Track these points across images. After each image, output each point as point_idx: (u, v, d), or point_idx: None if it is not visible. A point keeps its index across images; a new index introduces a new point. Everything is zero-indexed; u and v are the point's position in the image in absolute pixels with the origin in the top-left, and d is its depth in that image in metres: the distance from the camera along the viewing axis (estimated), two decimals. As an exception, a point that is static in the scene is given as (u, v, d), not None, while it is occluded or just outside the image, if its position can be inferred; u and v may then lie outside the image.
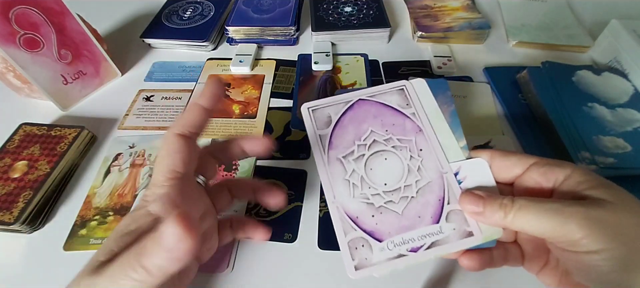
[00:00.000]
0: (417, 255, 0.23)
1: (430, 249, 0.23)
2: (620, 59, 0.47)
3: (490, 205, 0.22)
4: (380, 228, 0.23)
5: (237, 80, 0.51)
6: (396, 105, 0.26)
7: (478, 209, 0.23)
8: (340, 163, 0.25)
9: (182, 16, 0.60)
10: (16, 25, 0.41)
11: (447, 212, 0.24)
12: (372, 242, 0.23)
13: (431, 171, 0.24)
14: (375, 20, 0.56)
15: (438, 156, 0.24)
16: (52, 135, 0.41)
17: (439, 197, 0.24)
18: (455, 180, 0.24)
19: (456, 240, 0.23)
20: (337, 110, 0.27)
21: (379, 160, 0.25)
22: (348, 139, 0.25)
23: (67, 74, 0.47)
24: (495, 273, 0.32)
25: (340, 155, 0.25)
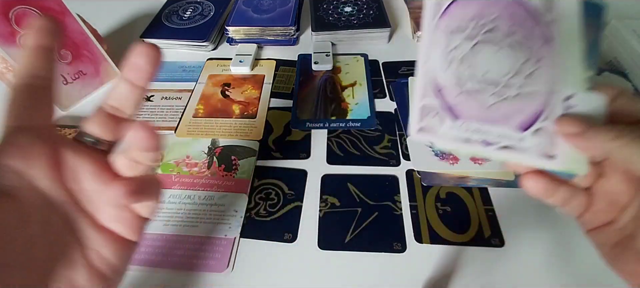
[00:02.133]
0: (485, 149, 0.22)
1: (502, 150, 0.22)
2: (620, 59, 0.47)
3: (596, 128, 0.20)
4: (461, 107, 0.22)
5: (237, 80, 0.51)
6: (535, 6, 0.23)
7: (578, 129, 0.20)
8: (446, 36, 0.23)
9: (182, 16, 0.60)
10: (16, 25, 0.41)
11: (538, 127, 0.22)
12: (446, 116, 0.22)
13: (541, 83, 0.22)
14: (375, 20, 0.56)
15: (556, 73, 0.22)
16: (52, 135, 0.41)
17: (538, 110, 0.22)
18: (563, 104, 0.22)
19: (534, 155, 0.21)
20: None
21: (490, 48, 0.23)
22: (468, 13, 0.23)
23: (67, 74, 0.47)
24: (494, 273, 0.32)
25: (451, 27, 0.23)
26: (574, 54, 0.22)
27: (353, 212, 0.36)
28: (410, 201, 0.37)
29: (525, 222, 0.35)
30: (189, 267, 0.33)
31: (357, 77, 0.51)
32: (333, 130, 0.44)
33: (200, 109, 0.47)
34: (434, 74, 0.23)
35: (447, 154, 0.40)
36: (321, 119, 0.45)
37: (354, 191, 0.38)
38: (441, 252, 0.33)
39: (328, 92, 0.49)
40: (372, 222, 0.35)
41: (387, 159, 0.40)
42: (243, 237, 0.35)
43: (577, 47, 0.22)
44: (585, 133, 0.20)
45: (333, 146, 0.42)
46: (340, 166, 0.40)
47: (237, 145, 0.43)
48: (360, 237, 0.34)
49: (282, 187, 0.39)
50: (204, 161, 0.41)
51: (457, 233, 0.34)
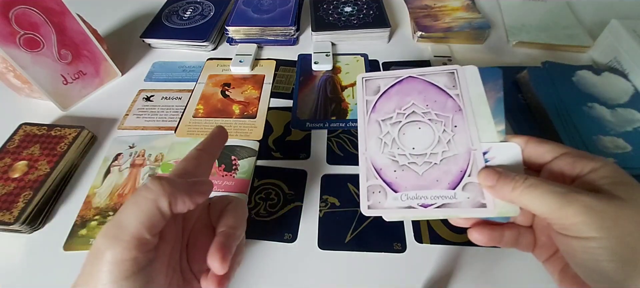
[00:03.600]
0: (426, 210, 0.25)
1: (440, 208, 0.25)
2: (620, 59, 0.47)
3: (503, 180, 0.23)
4: (399, 182, 0.26)
5: (237, 80, 0.51)
6: (443, 85, 0.28)
7: (492, 182, 0.24)
8: (378, 125, 0.28)
9: (182, 16, 0.60)
10: (16, 25, 0.41)
11: (465, 183, 0.25)
12: (388, 191, 0.26)
13: (460, 146, 0.26)
14: (375, 20, 0.56)
15: (471, 134, 0.26)
16: (52, 135, 0.41)
17: (462, 169, 0.26)
18: (483, 158, 0.25)
19: (468, 207, 0.24)
20: (386, 83, 0.30)
21: (413, 128, 0.27)
22: (390, 107, 0.28)
23: (67, 74, 0.47)
24: (494, 273, 0.32)
25: (380, 118, 0.28)
26: (485, 114, 0.27)
27: (353, 212, 0.36)
28: (410, 201, 0.37)
29: (525, 222, 0.35)
30: (189, 267, 0.33)
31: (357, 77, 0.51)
32: (333, 130, 0.44)
33: (200, 109, 0.47)
34: (372, 159, 0.27)
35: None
36: (321, 119, 0.45)
37: (354, 191, 0.38)
38: (441, 252, 0.33)
39: (328, 92, 0.49)
40: (372, 222, 0.35)
41: (387, 159, 0.41)
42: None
43: (486, 108, 0.27)
44: (495, 186, 0.24)
45: (333, 146, 0.42)
46: (340, 166, 0.40)
47: (237, 145, 0.43)
48: (360, 237, 0.34)
49: (282, 187, 0.39)
50: (204, 161, 0.41)
51: (457, 233, 0.34)
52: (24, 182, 0.36)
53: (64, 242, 0.35)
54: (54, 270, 0.33)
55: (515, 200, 0.23)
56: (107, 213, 0.37)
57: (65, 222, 0.36)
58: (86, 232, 0.35)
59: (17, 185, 0.36)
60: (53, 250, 0.34)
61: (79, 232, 0.35)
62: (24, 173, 0.37)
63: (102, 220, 0.36)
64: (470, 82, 0.28)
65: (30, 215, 0.35)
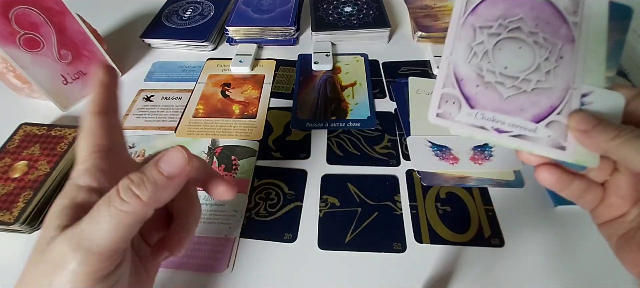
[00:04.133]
0: (499, 136, 0.23)
1: (515, 138, 0.23)
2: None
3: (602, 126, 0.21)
4: (478, 98, 0.23)
5: (237, 80, 0.51)
6: (562, 7, 0.24)
7: (586, 126, 0.21)
8: (473, 30, 0.24)
9: (182, 16, 0.60)
10: (16, 25, 0.41)
11: (552, 120, 0.23)
12: (463, 104, 0.23)
13: (559, 80, 0.23)
14: (375, 20, 0.56)
15: (576, 71, 0.23)
16: (52, 135, 0.41)
17: (553, 104, 0.23)
18: (580, 100, 0.23)
19: (545, 145, 0.22)
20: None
21: (512, 45, 0.24)
22: (494, 13, 0.25)
23: (67, 74, 0.47)
24: (494, 273, 0.32)
25: (478, 24, 0.25)
26: (598, 54, 0.23)
27: (353, 212, 0.36)
28: (410, 201, 0.37)
29: (525, 222, 0.35)
30: (189, 267, 0.33)
31: (357, 77, 0.51)
32: (333, 130, 0.44)
33: (200, 109, 0.47)
34: (456, 65, 0.24)
35: (447, 154, 0.40)
36: (321, 119, 0.45)
37: (354, 191, 0.38)
38: (441, 252, 0.33)
39: (328, 92, 0.49)
40: (372, 222, 0.35)
41: (387, 159, 0.40)
42: (243, 237, 0.35)
43: (602, 47, 0.23)
44: (590, 131, 0.21)
45: (333, 146, 0.42)
46: (340, 166, 0.40)
47: (237, 145, 0.43)
48: (360, 237, 0.34)
49: (282, 187, 0.39)
50: (204, 161, 0.41)
51: (457, 233, 0.34)
52: (24, 182, 0.36)
53: (64, 242, 0.35)
54: (54, 270, 0.33)
55: (613, 150, 0.20)
56: (107, 213, 0.37)
57: (65, 222, 0.36)
58: (86, 232, 0.35)
59: (17, 185, 0.36)
60: (53, 250, 0.34)
61: (79, 232, 0.35)
62: (24, 173, 0.37)
63: (102, 220, 0.36)
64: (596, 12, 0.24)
65: (30, 215, 0.35)
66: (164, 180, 0.20)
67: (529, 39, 0.24)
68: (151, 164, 0.20)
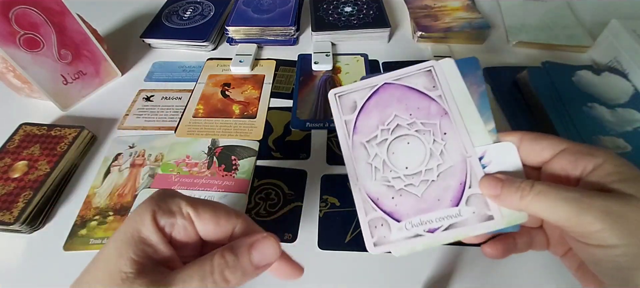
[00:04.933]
0: (434, 235, 0.23)
1: (447, 230, 0.23)
2: (620, 59, 0.47)
3: (507, 188, 0.22)
4: (399, 209, 0.24)
5: (237, 80, 0.51)
6: (422, 87, 0.26)
7: (496, 192, 0.22)
8: (363, 148, 0.26)
9: (182, 16, 0.60)
10: (16, 25, 0.41)
11: (468, 196, 0.24)
12: (391, 222, 0.24)
13: (454, 155, 0.24)
14: (375, 20, 0.56)
15: (463, 140, 0.25)
16: (52, 135, 0.41)
17: (461, 181, 0.24)
18: (479, 164, 0.24)
19: (475, 223, 0.23)
20: (362, 95, 0.27)
21: (401, 144, 0.25)
22: (372, 124, 0.26)
23: (67, 74, 0.47)
24: (494, 273, 0.32)
25: (364, 140, 0.26)
26: (472, 113, 0.25)
27: (353, 212, 0.36)
28: (410, 201, 0.37)
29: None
30: (189, 267, 0.33)
31: (357, 77, 0.51)
32: (333, 130, 0.44)
33: (200, 109, 0.47)
34: (366, 189, 0.25)
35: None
36: (321, 119, 0.45)
37: (354, 191, 0.38)
38: (441, 252, 0.33)
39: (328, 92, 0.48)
40: (372, 222, 0.35)
41: (387, 159, 0.40)
42: (243, 237, 0.35)
43: (472, 107, 0.25)
44: (500, 195, 0.22)
45: (333, 146, 0.42)
46: (340, 166, 0.40)
47: (237, 145, 0.43)
48: (360, 237, 0.34)
49: (282, 187, 0.39)
50: (204, 161, 0.41)
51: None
52: (24, 182, 0.36)
53: (64, 242, 0.35)
54: (53, 270, 0.33)
55: (524, 208, 0.22)
56: (107, 213, 0.37)
57: (65, 222, 0.36)
58: (86, 232, 0.35)
59: (17, 185, 0.36)
60: (53, 250, 0.34)
61: (79, 232, 0.35)
62: (24, 173, 0.37)
63: (102, 220, 0.36)
64: (450, 78, 0.26)
65: (30, 215, 0.35)
66: (252, 271, 0.21)
67: (412, 131, 0.25)
68: (244, 249, 0.20)
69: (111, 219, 0.36)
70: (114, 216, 0.36)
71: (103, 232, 0.35)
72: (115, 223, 0.36)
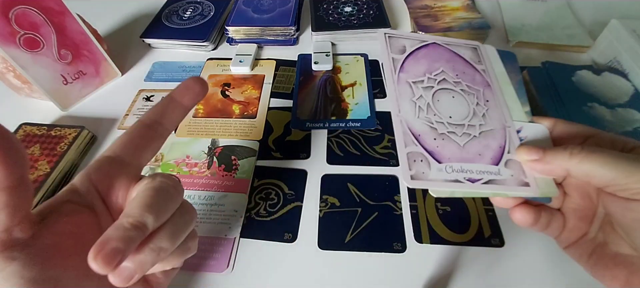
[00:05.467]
0: (474, 186, 0.23)
1: (487, 185, 0.23)
2: (620, 59, 0.47)
3: (554, 151, 0.22)
4: (441, 151, 0.24)
5: (237, 80, 0.51)
6: (469, 58, 0.27)
7: (537, 156, 0.23)
8: (409, 86, 0.26)
9: (182, 16, 0.60)
10: (16, 25, 0.41)
11: (506, 160, 0.24)
12: (431, 161, 0.24)
13: (495, 121, 0.25)
14: (375, 20, 0.56)
15: (503, 111, 0.25)
16: (52, 135, 0.41)
17: (501, 144, 0.24)
18: (517, 135, 0.25)
19: (513, 185, 0.23)
20: (412, 44, 0.27)
21: (446, 95, 0.26)
22: (420, 69, 0.26)
23: (67, 74, 0.47)
24: (494, 273, 0.32)
25: (411, 80, 0.26)
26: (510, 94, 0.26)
27: (353, 212, 0.36)
28: (410, 201, 0.37)
29: (525, 222, 0.35)
30: (189, 267, 0.33)
31: (357, 77, 0.51)
32: (333, 130, 0.44)
33: (200, 108, 0.47)
34: (408, 122, 0.25)
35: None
36: (321, 119, 0.45)
37: (354, 191, 0.38)
38: (441, 252, 0.33)
39: (328, 92, 0.49)
40: (372, 222, 0.35)
41: (387, 159, 0.40)
42: (243, 237, 0.35)
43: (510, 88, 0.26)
44: (544, 157, 0.22)
45: (333, 146, 0.42)
46: (340, 166, 0.40)
47: (237, 145, 0.43)
48: (360, 237, 0.34)
49: (282, 187, 0.39)
50: (204, 161, 0.41)
51: (457, 233, 0.34)
52: (24, 182, 0.36)
53: (64, 242, 0.35)
54: (54, 270, 0.33)
55: (573, 168, 0.21)
56: (107, 213, 0.37)
57: (65, 222, 0.36)
58: (86, 232, 0.35)
59: (17, 185, 0.36)
60: (53, 250, 0.34)
61: (79, 232, 0.35)
62: (24, 173, 0.37)
63: (102, 220, 0.36)
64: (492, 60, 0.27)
65: (30, 215, 0.35)
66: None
67: (457, 88, 0.26)
68: None
69: (111, 219, 0.36)
70: (114, 216, 0.36)
71: (103, 232, 0.35)
72: (115, 223, 0.36)
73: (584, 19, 0.58)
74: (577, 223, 0.25)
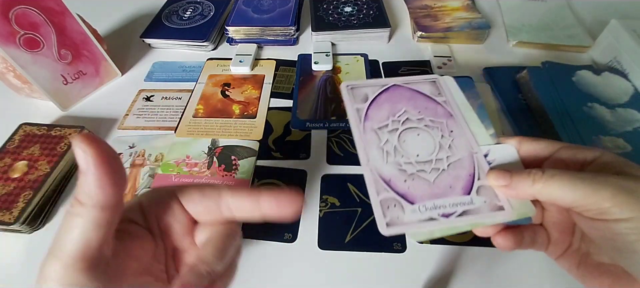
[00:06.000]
0: (449, 220, 0.23)
1: (462, 216, 0.24)
2: (620, 59, 0.47)
3: (518, 176, 0.23)
4: (412, 192, 0.24)
5: (237, 80, 0.51)
6: (428, 92, 0.28)
7: (505, 182, 0.23)
8: (375, 134, 0.27)
9: (182, 16, 0.60)
10: (16, 25, 0.41)
11: (478, 187, 0.24)
12: (404, 203, 0.24)
13: (462, 150, 0.26)
14: (375, 20, 0.56)
15: (468, 138, 0.26)
16: (52, 135, 0.41)
17: (470, 172, 0.25)
18: (485, 160, 0.25)
19: (487, 211, 0.24)
20: (373, 91, 0.29)
21: (411, 134, 0.26)
22: (383, 114, 0.27)
23: (67, 74, 0.47)
24: (494, 273, 0.32)
25: (376, 127, 0.27)
26: (473, 119, 0.27)
27: (353, 212, 0.36)
28: (410, 201, 0.37)
29: (525, 222, 0.35)
30: (189, 267, 0.33)
31: (357, 77, 0.51)
32: (333, 130, 0.44)
33: (200, 109, 0.47)
34: (378, 170, 0.25)
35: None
36: (321, 119, 0.45)
37: (354, 191, 0.38)
38: (441, 252, 0.33)
39: (328, 92, 0.49)
40: (372, 222, 0.35)
41: (387, 159, 0.40)
42: (243, 237, 0.35)
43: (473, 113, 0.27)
44: (511, 184, 0.23)
45: (333, 146, 0.42)
46: (340, 166, 0.40)
47: (237, 145, 0.43)
48: (360, 237, 0.34)
49: (282, 187, 0.39)
50: (204, 161, 0.41)
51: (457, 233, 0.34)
52: (24, 182, 0.36)
53: (64, 242, 0.35)
54: (54, 270, 0.33)
55: (537, 194, 0.22)
56: (107, 213, 0.37)
57: (65, 222, 0.36)
58: (86, 232, 0.35)
59: (17, 185, 0.36)
60: (53, 250, 0.34)
61: (79, 232, 0.35)
62: (24, 173, 0.37)
63: (102, 220, 0.36)
64: (452, 89, 0.28)
65: (30, 215, 0.35)
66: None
67: (421, 125, 0.27)
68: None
69: (111, 219, 0.36)
70: (114, 216, 0.36)
71: (103, 232, 0.35)
72: (115, 223, 0.36)
73: (584, 19, 0.58)
74: (560, 236, 0.25)
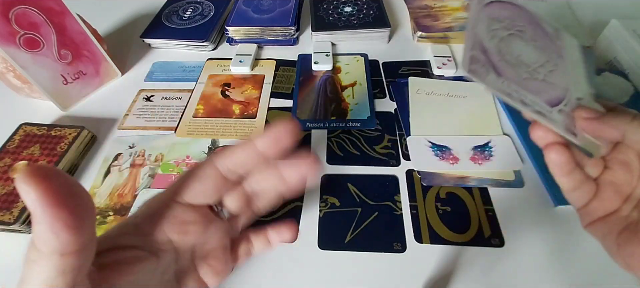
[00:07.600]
0: (523, 108, 0.24)
1: (536, 113, 0.24)
2: (620, 59, 0.47)
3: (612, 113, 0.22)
4: (503, 68, 0.25)
5: (237, 80, 0.51)
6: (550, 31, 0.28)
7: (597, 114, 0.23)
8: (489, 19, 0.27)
9: (182, 16, 0.60)
10: (16, 25, 0.41)
11: (561, 109, 0.25)
12: (492, 71, 0.25)
13: (560, 81, 0.26)
14: (375, 20, 0.56)
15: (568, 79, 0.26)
16: (52, 135, 0.41)
17: (559, 96, 0.25)
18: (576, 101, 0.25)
19: (561, 126, 0.24)
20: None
21: (521, 42, 0.27)
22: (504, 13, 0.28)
23: (67, 74, 0.47)
24: (494, 273, 0.32)
25: (493, 16, 0.27)
26: (579, 73, 0.27)
27: (353, 212, 0.36)
28: (410, 201, 0.37)
29: (525, 222, 0.35)
30: (189, 267, 0.33)
31: (357, 77, 0.51)
32: (333, 130, 0.44)
33: (200, 109, 0.47)
34: (480, 37, 0.26)
35: (447, 154, 0.40)
36: (321, 119, 0.45)
37: (354, 191, 0.38)
38: (441, 252, 0.33)
39: (328, 92, 0.49)
40: (372, 222, 0.35)
41: (387, 159, 0.40)
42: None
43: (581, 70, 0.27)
44: (603, 117, 0.22)
45: (333, 146, 0.42)
46: (340, 166, 0.40)
47: (237, 145, 0.43)
48: (360, 237, 0.34)
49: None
50: (204, 161, 0.41)
51: (457, 233, 0.34)
52: (24, 182, 0.36)
53: (64, 242, 0.35)
54: (54, 270, 0.33)
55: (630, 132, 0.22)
56: (107, 214, 0.37)
57: (65, 222, 0.36)
58: (86, 232, 0.35)
59: (17, 185, 0.36)
60: (53, 250, 0.34)
61: (79, 232, 0.35)
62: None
63: (102, 221, 0.36)
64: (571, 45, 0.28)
65: (30, 215, 0.35)
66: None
67: (532, 43, 0.27)
68: None
69: (111, 219, 0.36)
70: (114, 216, 0.36)
71: (103, 232, 0.35)
72: (115, 223, 0.36)
73: (584, 19, 0.58)
74: (612, 196, 0.24)
